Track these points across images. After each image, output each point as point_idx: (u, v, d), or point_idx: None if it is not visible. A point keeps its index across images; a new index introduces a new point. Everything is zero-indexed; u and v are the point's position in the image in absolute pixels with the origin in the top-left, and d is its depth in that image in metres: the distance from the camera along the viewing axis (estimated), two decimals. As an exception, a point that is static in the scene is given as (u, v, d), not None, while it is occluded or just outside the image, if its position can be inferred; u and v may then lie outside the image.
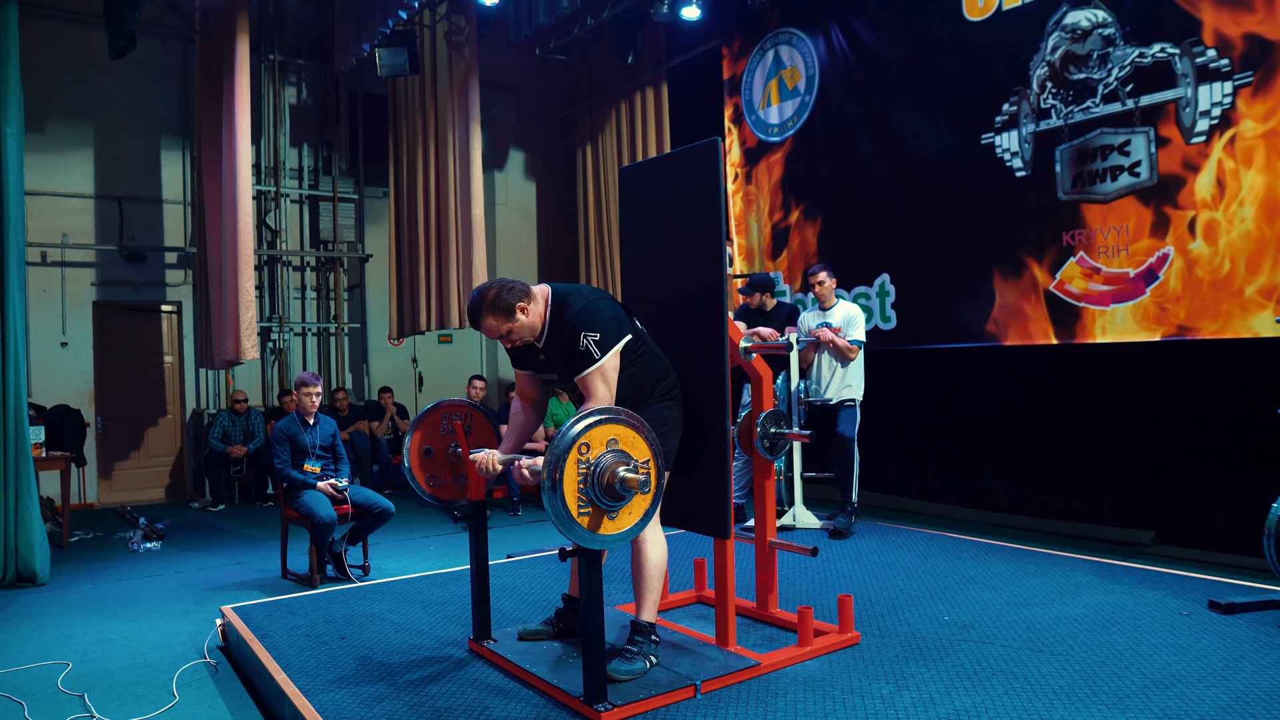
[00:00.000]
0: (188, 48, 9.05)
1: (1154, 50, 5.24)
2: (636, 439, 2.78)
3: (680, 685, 3.00)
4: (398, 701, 3.06)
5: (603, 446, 2.70)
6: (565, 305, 3.14)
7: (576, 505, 2.66)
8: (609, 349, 3.05)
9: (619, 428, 2.75)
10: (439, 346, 10.56)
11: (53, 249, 8.47)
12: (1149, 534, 5.42)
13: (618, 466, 2.69)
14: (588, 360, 3.03)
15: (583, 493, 2.67)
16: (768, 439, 3.72)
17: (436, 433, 3.63)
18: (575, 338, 3.05)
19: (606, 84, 9.66)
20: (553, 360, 3.22)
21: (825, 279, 5.94)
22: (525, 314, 3.16)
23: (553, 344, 3.19)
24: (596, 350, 3.03)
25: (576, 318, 3.08)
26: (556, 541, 6.07)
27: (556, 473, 2.61)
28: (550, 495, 2.62)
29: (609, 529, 2.73)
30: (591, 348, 3.02)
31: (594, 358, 3.03)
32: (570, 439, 2.65)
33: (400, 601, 4.39)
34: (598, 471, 2.68)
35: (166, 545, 6.70)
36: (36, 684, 3.74)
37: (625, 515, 2.76)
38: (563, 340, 3.12)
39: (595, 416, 2.72)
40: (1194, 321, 5.10)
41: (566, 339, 3.09)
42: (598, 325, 3.05)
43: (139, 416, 9.08)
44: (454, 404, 3.71)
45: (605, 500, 2.70)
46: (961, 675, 3.13)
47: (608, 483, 2.68)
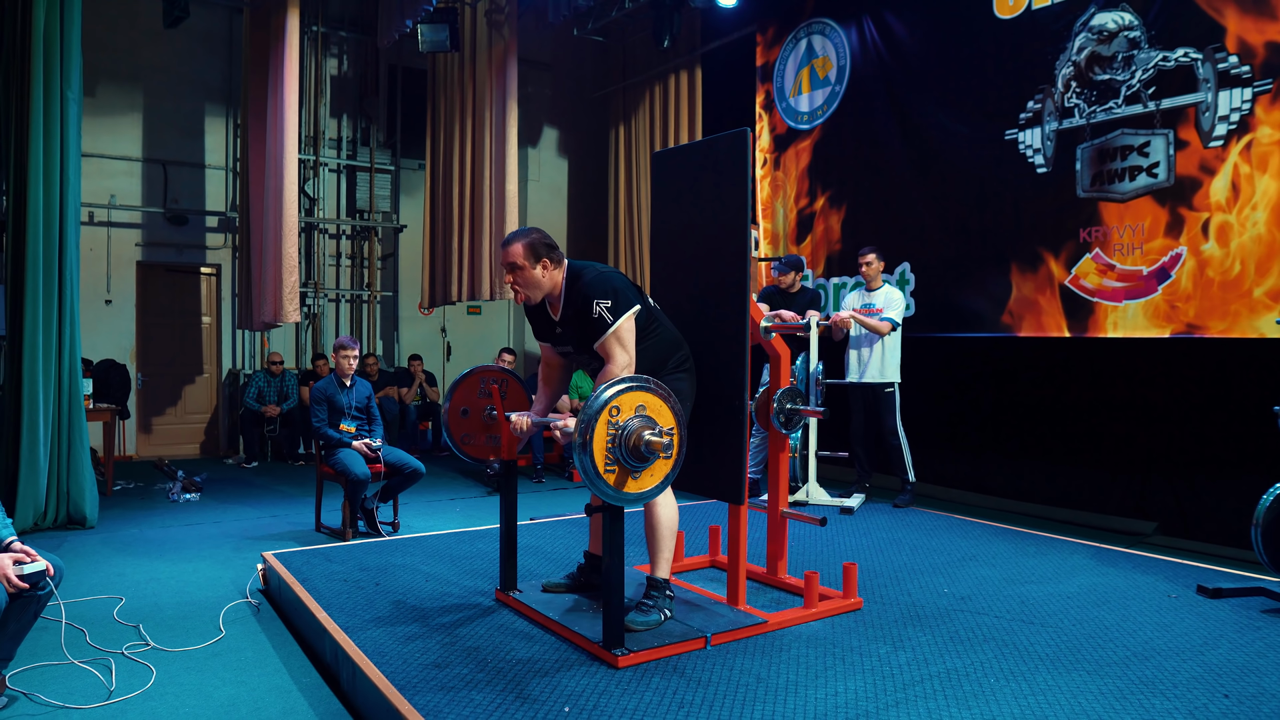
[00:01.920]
0: (234, 17, 9.31)
1: (1177, 54, 5.37)
2: (664, 407, 3.00)
3: (692, 636, 3.24)
4: (430, 640, 3.31)
5: (632, 411, 2.92)
6: (579, 276, 3.36)
7: (604, 464, 2.89)
8: (621, 314, 3.24)
9: (648, 395, 2.97)
10: (468, 317, 10.83)
11: (100, 209, 8.78)
12: (1151, 525, 5.60)
13: (644, 430, 2.91)
14: (602, 326, 3.24)
15: (610, 452, 2.90)
16: (784, 414, 3.94)
17: (474, 395, 3.87)
18: (588, 306, 3.25)
19: (641, 66, 9.83)
20: (568, 332, 3.42)
21: (874, 260, 6.19)
22: (544, 271, 3.34)
23: (568, 316, 3.39)
24: (609, 315, 3.23)
25: (589, 286, 3.28)
26: (576, 508, 6.33)
27: (589, 432, 2.84)
28: (581, 453, 2.86)
29: (632, 488, 2.96)
30: (604, 314, 3.23)
31: (608, 322, 3.23)
32: (603, 401, 2.87)
33: (430, 555, 4.65)
34: (625, 434, 2.90)
35: (204, 497, 7.02)
36: (94, 614, 4.02)
37: (647, 476, 2.99)
38: (577, 310, 3.32)
39: (627, 383, 2.94)
40: (1203, 320, 5.26)
41: (580, 308, 3.29)
42: (608, 293, 3.26)
43: (177, 374, 9.42)
44: (491, 369, 3.95)
45: (630, 461, 2.92)
46: (955, 640, 3.35)
47: (634, 445, 2.91)
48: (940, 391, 6.87)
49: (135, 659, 3.48)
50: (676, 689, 2.87)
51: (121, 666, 3.40)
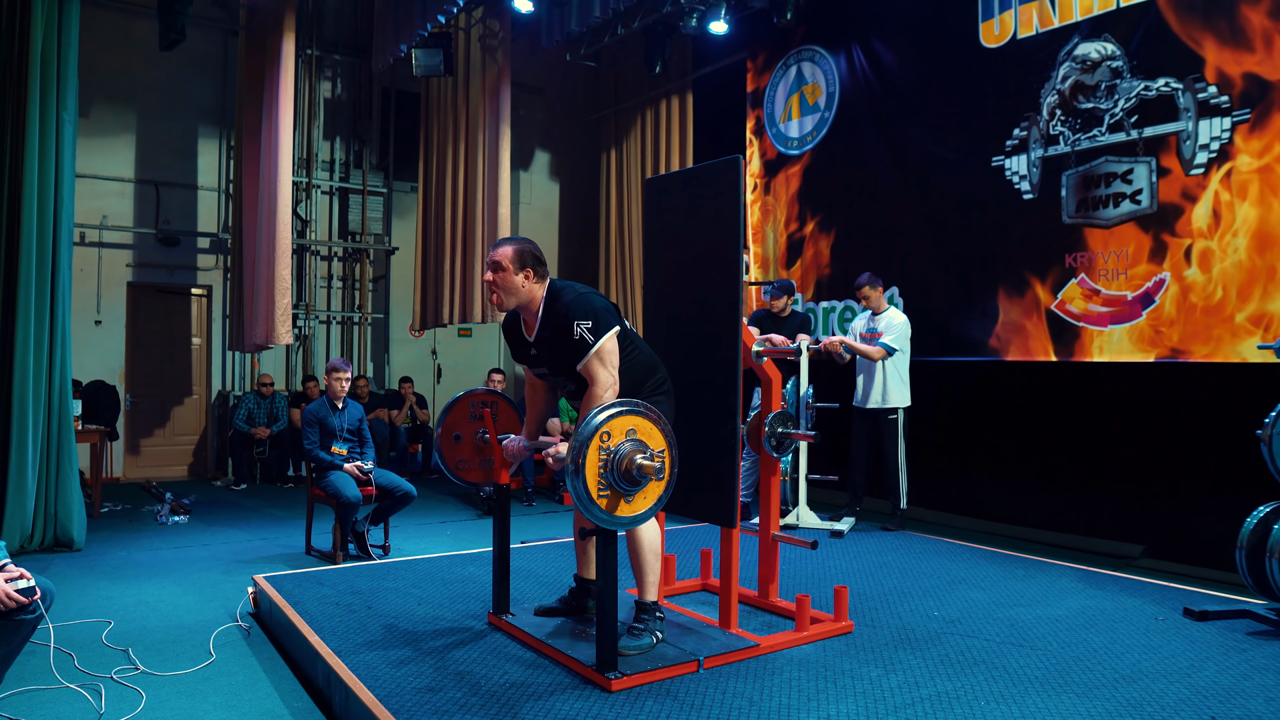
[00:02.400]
0: (229, 39, 9.37)
1: (1159, 84, 5.47)
2: (654, 430, 3.02)
3: (685, 660, 3.26)
4: (423, 664, 3.32)
5: (623, 435, 2.95)
6: (559, 296, 3.34)
7: (597, 489, 2.91)
8: (602, 334, 3.23)
9: (639, 419, 2.99)
10: (458, 340, 10.85)
11: (91, 230, 8.79)
12: (1138, 547, 5.64)
13: (635, 454, 2.93)
14: (584, 347, 3.22)
15: (603, 477, 2.91)
16: (775, 438, 3.97)
17: (465, 419, 3.89)
18: (569, 327, 3.24)
19: (633, 91, 9.93)
20: (543, 353, 3.41)
21: (867, 291, 6.23)
22: (524, 280, 3.32)
23: (544, 337, 3.38)
24: (590, 336, 3.21)
25: (569, 307, 3.28)
26: (567, 531, 6.33)
27: (580, 458, 2.86)
28: (573, 478, 2.87)
29: (625, 511, 2.98)
30: (585, 335, 3.22)
31: (589, 343, 3.21)
32: (594, 427, 2.89)
33: (421, 578, 4.65)
34: (617, 458, 2.92)
35: (193, 520, 6.99)
36: (83, 638, 4.00)
37: (640, 499, 3.00)
38: (556, 330, 3.30)
39: (617, 408, 2.96)
40: (1186, 345, 5.33)
41: (560, 328, 3.28)
42: (588, 313, 3.25)
43: (166, 395, 9.39)
44: (479, 393, 3.97)
45: (623, 485, 2.94)
46: (946, 663, 3.38)
47: (625, 469, 2.92)
48: (928, 415, 6.91)
49: (124, 683, 3.46)
50: (669, 712, 2.89)
51: (111, 691, 3.38)
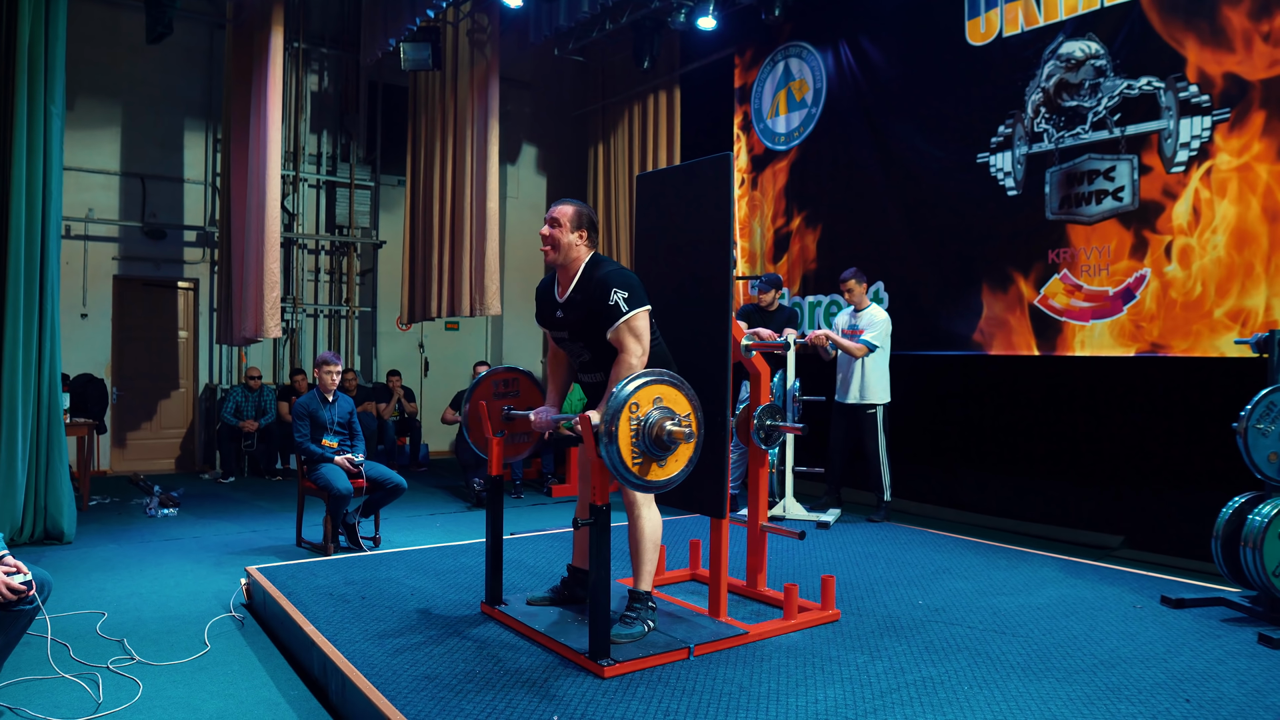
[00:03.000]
0: (215, 32, 9.34)
1: (1141, 83, 5.56)
2: (679, 396, 3.16)
3: (675, 647, 3.32)
4: (419, 653, 3.36)
5: (650, 404, 3.08)
6: (599, 265, 3.47)
7: (631, 456, 3.05)
8: (637, 307, 3.34)
9: (664, 387, 3.12)
10: (445, 333, 10.87)
11: (77, 223, 8.76)
12: (1118, 538, 5.75)
13: (664, 421, 3.08)
14: (617, 313, 3.32)
15: (635, 445, 3.05)
16: (763, 430, 4.03)
17: (489, 397, 3.93)
18: (605, 293, 3.33)
19: (621, 86, 9.96)
20: (568, 315, 3.49)
21: (853, 285, 6.30)
22: (577, 239, 3.46)
23: (574, 300, 3.46)
24: (625, 305, 3.31)
25: (609, 276, 3.38)
26: (555, 523, 6.39)
27: (613, 426, 2.99)
28: (607, 446, 3.00)
29: (658, 475, 3.12)
30: (621, 302, 3.31)
31: (622, 310, 3.31)
32: (621, 400, 3.01)
33: (413, 569, 4.69)
34: (647, 426, 3.06)
35: (182, 512, 7.00)
36: (77, 629, 4.03)
37: (672, 462, 3.15)
38: (587, 295, 3.40)
39: (643, 379, 3.08)
40: (1166, 340, 5.44)
41: (594, 294, 3.37)
42: (627, 285, 3.36)
43: (153, 389, 9.38)
44: (501, 371, 4.02)
45: (655, 450, 3.08)
46: (930, 650, 3.45)
47: (656, 435, 3.07)
48: (913, 408, 7.01)
49: (121, 673, 3.49)
50: (661, 698, 2.95)
51: (108, 681, 3.41)
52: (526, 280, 11.36)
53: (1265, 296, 5.01)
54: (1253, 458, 3.80)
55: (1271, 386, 3.84)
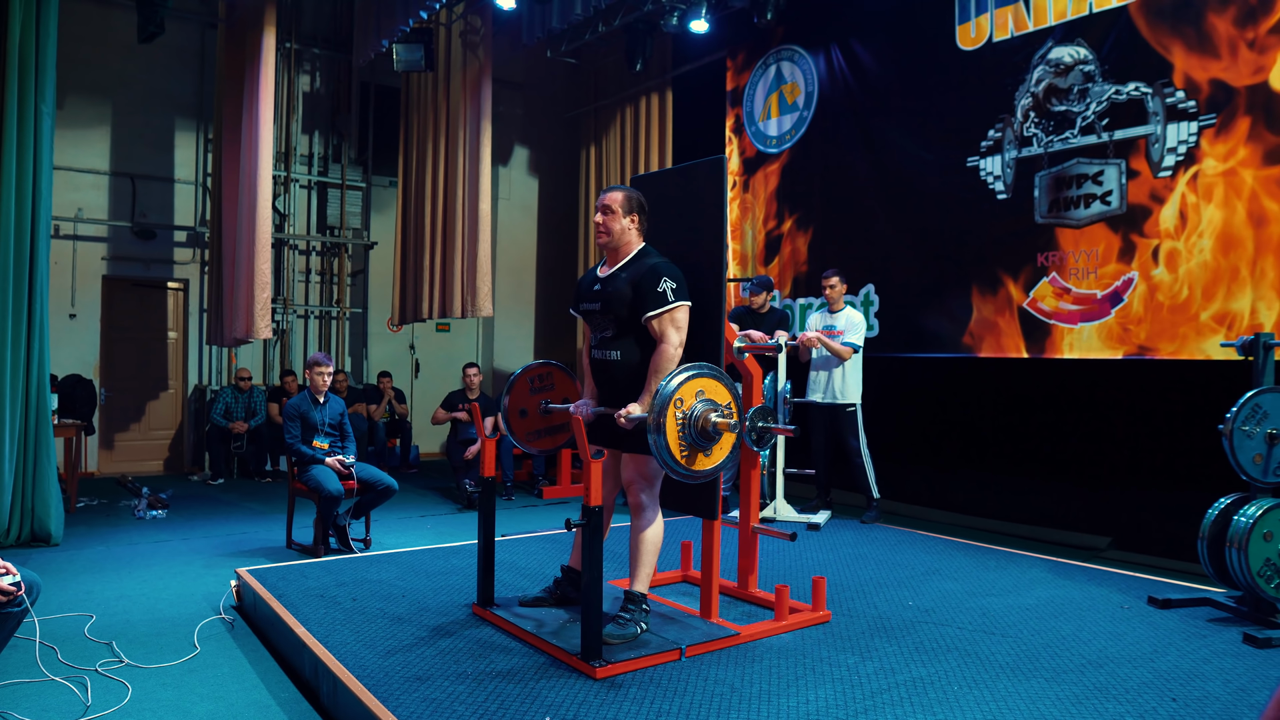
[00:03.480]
0: (207, 32, 9.32)
1: (1129, 88, 5.61)
2: (718, 386, 3.26)
3: (667, 648, 3.33)
4: (411, 654, 3.37)
5: (693, 398, 3.18)
6: (650, 254, 3.56)
7: (679, 448, 3.15)
8: (681, 298, 3.42)
9: (704, 380, 3.22)
10: (436, 335, 10.86)
11: (66, 223, 8.72)
12: (1106, 539, 5.78)
13: (709, 413, 3.19)
14: (662, 300, 3.39)
15: (682, 438, 3.16)
16: (755, 432, 4.04)
17: (526, 394, 3.96)
18: (656, 279, 3.41)
19: (613, 88, 9.98)
20: (606, 289, 3.54)
21: (836, 283, 6.34)
22: (630, 223, 3.56)
23: (618, 277, 3.52)
24: (672, 295, 3.40)
25: (661, 265, 3.47)
26: (546, 525, 6.40)
27: (661, 418, 3.10)
28: (655, 435, 3.11)
29: (704, 464, 3.25)
30: (669, 291, 3.40)
31: (668, 299, 3.40)
32: (666, 396, 3.11)
33: (405, 571, 4.69)
34: (693, 418, 3.17)
35: (171, 514, 6.96)
36: (64, 632, 4.01)
37: (717, 450, 3.27)
38: (633, 275, 3.47)
39: (685, 374, 3.17)
40: (1153, 342, 5.48)
41: (642, 276, 3.44)
42: (677, 278, 3.45)
43: (141, 390, 9.34)
44: (535, 366, 4.03)
45: (700, 441, 3.20)
46: (920, 651, 3.48)
47: (701, 427, 3.18)
48: (903, 410, 7.05)
49: (110, 676, 3.48)
50: (653, 699, 2.96)
51: (96, 684, 3.40)
52: (518, 282, 11.38)
53: (1250, 300, 5.06)
54: (1238, 459, 3.83)
55: (1256, 389, 3.88)
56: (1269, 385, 3.92)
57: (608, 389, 3.60)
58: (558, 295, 11.31)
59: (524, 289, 11.47)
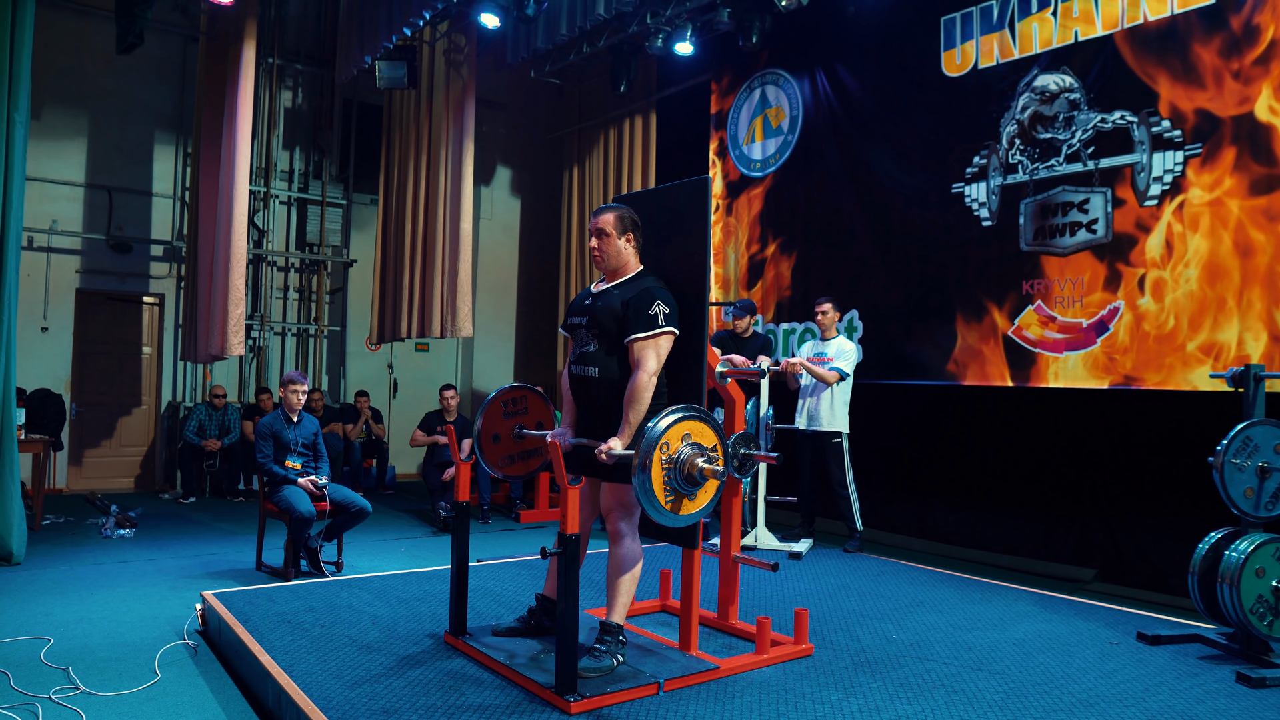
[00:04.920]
0: (188, 45, 9.22)
1: (1115, 117, 5.61)
2: (705, 429, 3.15)
3: (645, 682, 3.22)
4: (378, 685, 3.24)
5: (680, 441, 3.08)
6: (648, 276, 3.51)
7: (664, 494, 3.04)
8: (670, 324, 3.37)
9: (691, 423, 3.12)
10: (415, 354, 10.73)
11: (40, 234, 8.56)
12: (1090, 572, 5.72)
13: (696, 458, 3.09)
14: (652, 324, 3.34)
15: (667, 483, 3.05)
16: (737, 459, 3.95)
17: (499, 419, 3.86)
18: (648, 301, 3.36)
19: (597, 109, 9.94)
20: (597, 303, 3.49)
21: (829, 310, 6.30)
22: (627, 244, 3.53)
23: (611, 293, 3.48)
24: (662, 319, 3.35)
25: (657, 288, 3.42)
26: (523, 550, 6.27)
27: (648, 460, 2.99)
28: (641, 476, 3.00)
29: (689, 509, 3.14)
30: (660, 315, 3.35)
31: (658, 323, 3.34)
32: (653, 439, 3.01)
33: (376, 596, 4.55)
34: (679, 463, 3.07)
35: (139, 533, 6.79)
36: (20, 656, 3.85)
37: (701, 495, 3.16)
38: (628, 295, 3.42)
39: (673, 416, 3.08)
40: (1139, 372, 5.44)
41: (636, 295, 3.39)
42: (670, 304, 3.40)
43: (113, 405, 9.15)
44: (508, 390, 3.94)
45: (685, 486, 3.09)
46: (905, 687, 3.38)
47: (688, 472, 3.08)
48: (886, 437, 6.98)
49: (63, 704, 3.34)
50: (630, 736, 2.85)
51: (49, 712, 3.26)
52: (499, 302, 11.28)
53: (1237, 331, 5.03)
54: (1229, 493, 3.78)
55: (1247, 421, 3.83)
56: (1259, 417, 3.87)
57: (585, 407, 3.54)
58: (539, 317, 11.22)
59: (505, 310, 11.37)
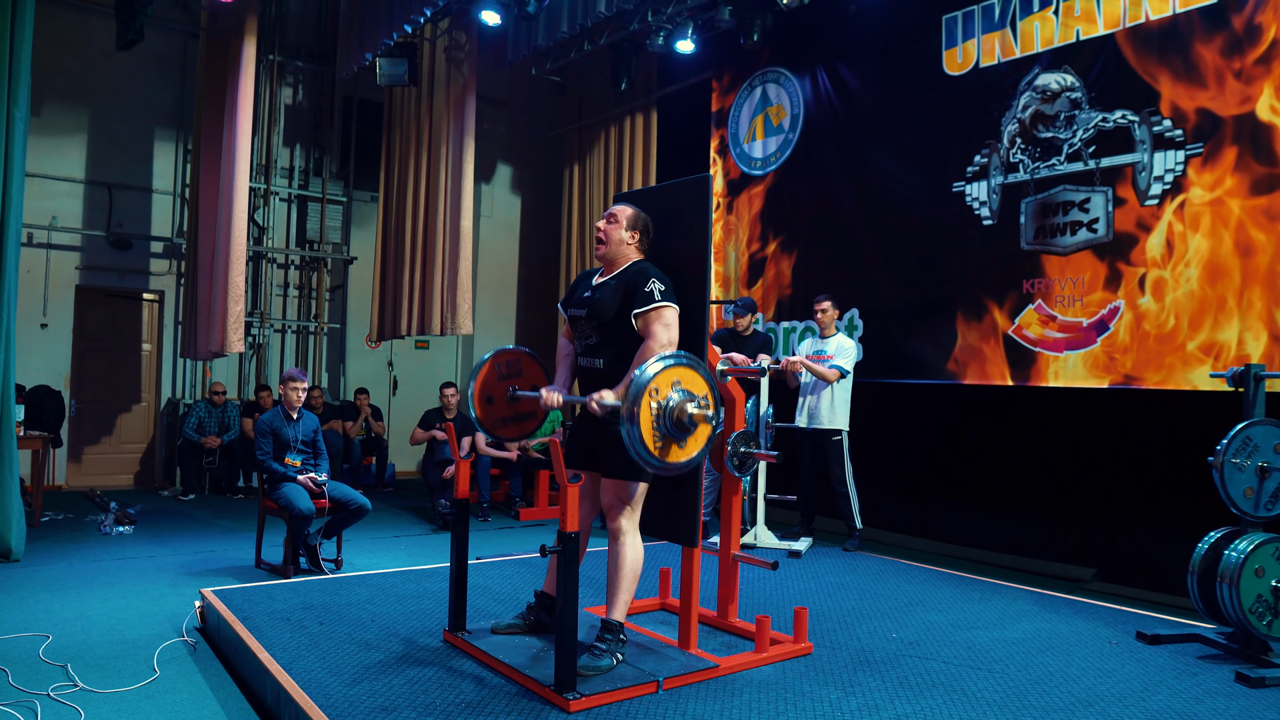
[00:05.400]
0: (189, 42, 9.21)
1: (1116, 116, 5.60)
2: (696, 377, 3.14)
3: (644, 680, 3.22)
4: (377, 683, 3.24)
5: (669, 388, 3.06)
6: (646, 263, 3.56)
7: (653, 440, 3.03)
8: (667, 299, 3.39)
9: (681, 370, 3.10)
10: (415, 352, 10.72)
11: (39, 231, 8.56)
12: (1090, 571, 5.72)
13: (686, 404, 3.07)
14: (648, 299, 3.37)
15: (657, 429, 3.04)
16: (737, 457, 3.96)
17: (494, 380, 3.86)
18: (643, 279, 3.41)
19: (598, 107, 9.93)
20: (596, 295, 3.53)
21: (829, 308, 6.30)
22: (630, 237, 3.58)
23: (609, 284, 3.52)
24: (659, 294, 3.37)
25: (649, 268, 3.48)
26: (523, 547, 6.27)
27: (635, 407, 2.97)
28: (629, 426, 2.98)
29: (678, 456, 3.11)
30: (655, 291, 3.38)
31: (654, 298, 3.36)
32: (642, 384, 2.99)
33: (375, 593, 4.55)
34: (668, 409, 3.05)
35: (138, 530, 6.79)
36: (17, 654, 3.85)
37: (691, 443, 3.14)
38: (622, 281, 3.46)
39: (662, 363, 3.07)
40: (1139, 372, 5.44)
41: (631, 278, 3.45)
42: (664, 282, 3.43)
43: (113, 402, 9.15)
44: (505, 352, 3.94)
45: (675, 432, 3.07)
46: (904, 686, 3.38)
47: (677, 418, 3.06)
48: (886, 436, 6.97)
49: (62, 701, 3.33)
50: (629, 734, 2.84)
51: (47, 709, 3.25)
52: (499, 300, 11.27)
53: (1238, 330, 5.03)
54: (1229, 492, 3.77)
55: (1247, 421, 3.83)
56: (1260, 417, 3.87)
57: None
58: (539, 314, 11.21)
59: (505, 307, 11.37)
